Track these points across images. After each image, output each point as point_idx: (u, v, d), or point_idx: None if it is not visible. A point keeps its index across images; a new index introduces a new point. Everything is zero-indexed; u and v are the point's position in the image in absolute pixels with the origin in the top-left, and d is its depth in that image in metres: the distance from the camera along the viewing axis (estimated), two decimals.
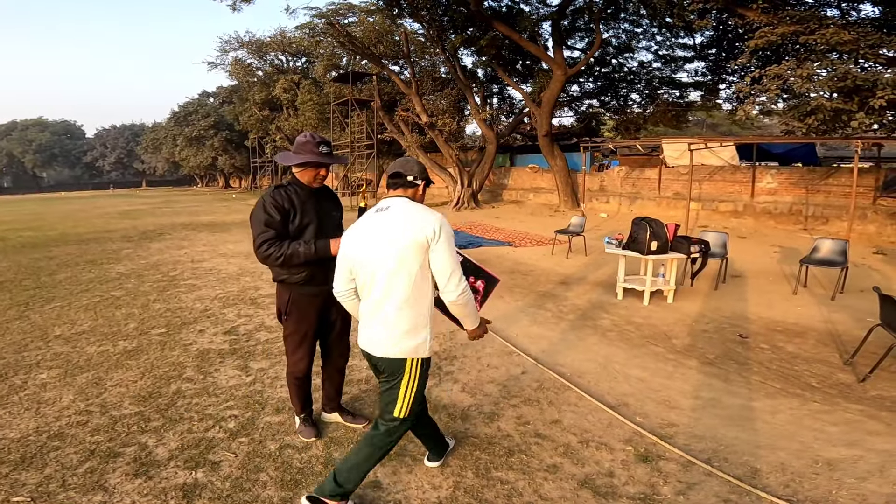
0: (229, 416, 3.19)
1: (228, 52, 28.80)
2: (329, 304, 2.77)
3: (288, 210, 2.57)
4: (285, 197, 2.57)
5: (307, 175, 2.64)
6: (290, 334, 2.77)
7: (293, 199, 2.58)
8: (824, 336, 4.64)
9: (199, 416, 3.18)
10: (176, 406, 3.32)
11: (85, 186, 62.84)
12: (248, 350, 4.28)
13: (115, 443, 2.88)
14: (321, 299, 2.72)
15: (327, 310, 2.80)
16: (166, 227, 13.98)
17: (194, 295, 6.10)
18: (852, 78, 7.73)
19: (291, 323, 2.74)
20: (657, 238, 5.30)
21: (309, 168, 2.62)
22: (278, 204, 2.55)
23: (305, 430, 2.93)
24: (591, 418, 3.14)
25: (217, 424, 3.09)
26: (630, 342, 4.48)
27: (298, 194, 2.61)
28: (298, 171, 2.65)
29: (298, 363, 2.81)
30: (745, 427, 3.07)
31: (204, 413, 3.23)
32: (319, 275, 2.63)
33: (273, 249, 2.51)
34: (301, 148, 2.59)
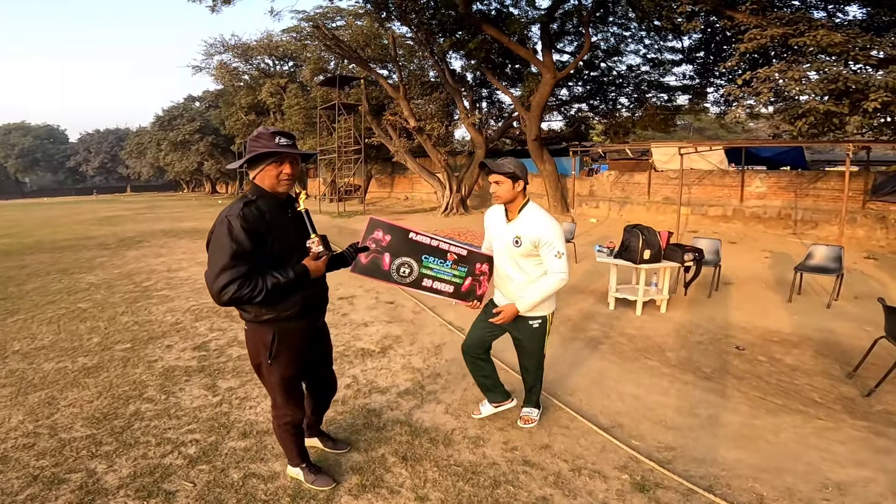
0: (190, 441, 2.94)
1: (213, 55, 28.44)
2: (320, 332, 2.48)
3: (263, 234, 2.03)
4: (257, 215, 2.03)
5: (268, 177, 2.09)
6: (279, 380, 2.27)
7: (266, 216, 2.06)
8: (823, 346, 4.47)
9: (156, 441, 2.94)
10: (132, 429, 3.08)
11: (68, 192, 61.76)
12: (218, 367, 4.01)
13: (61, 468, 2.65)
14: (312, 330, 2.35)
15: (319, 339, 2.47)
16: (146, 233, 13.60)
17: (166, 307, 5.80)
18: (844, 80, 7.64)
19: (280, 366, 2.24)
20: (650, 246, 5.12)
21: (268, 165, 2.07)
22: (250, 225, 1.99)
23: (319, 478, 2.51)
24: (583, 442, 2.92)
25: (176, 450, 2.85)
26: (623, 356, 4.27)
27: (270, 210, 2.10)
28: (257, 175, 2.11)
29: (295, 411, 2.37)
30: (746, 448, 2.87)
31: (162, 437, 2.99)
32: (312, 301, 2.27)
33: (246, 290, 1.97)
34: (253, 143, 2.09)
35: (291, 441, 2.46)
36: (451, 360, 4.11)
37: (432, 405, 3.36)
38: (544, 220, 2.64)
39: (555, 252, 2.61)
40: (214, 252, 1.99)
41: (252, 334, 2.23)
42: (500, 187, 2.65)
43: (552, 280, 2.64)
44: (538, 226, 2.62)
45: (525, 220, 2.68)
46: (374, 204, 23.67)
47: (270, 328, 2.17)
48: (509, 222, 2.75)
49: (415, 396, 3.48)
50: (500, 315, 2.71)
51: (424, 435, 2.98)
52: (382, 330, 4.89)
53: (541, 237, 2.60)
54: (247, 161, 2.11)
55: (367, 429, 3.06)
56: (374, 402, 3.41)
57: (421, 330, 4.88)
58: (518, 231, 2.68)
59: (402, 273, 2.73)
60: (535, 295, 2.66)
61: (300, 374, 2.38)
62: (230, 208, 2.02)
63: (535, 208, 2.72)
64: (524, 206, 2.71)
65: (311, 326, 2.33)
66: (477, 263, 2.87)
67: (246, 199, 2.07)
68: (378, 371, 3.92)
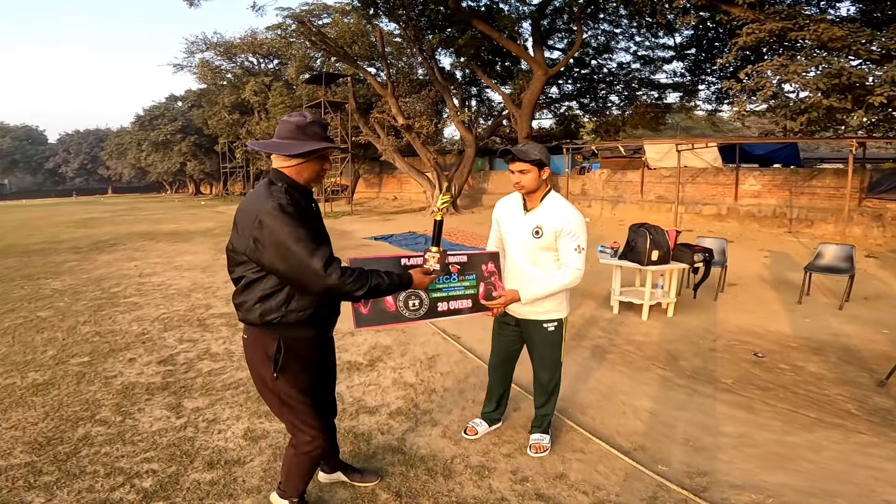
0: (146, 472, 2.53)
1: (195, 53, 27.73)
2: (329, 345, 2.16)
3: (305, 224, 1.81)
4: (297, 203, 1.81)
5: (310, 170, 1.87)
6: (289, 397, 1.93)
7: (301, 206, 1.83)
8: (844, 352, 4.17)
9: (105, 471, 2.54)
10: (78, 456, 2.67)
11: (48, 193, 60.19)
12: (185, 384, 3.58)
13: None
14: (321, 341, 2.04)
15: (327, 353, 2.14)
16: (122, 236, 13.00)
17: (133, 315, 5.33)
18: (847, 74, 7.41)
19: (289, 381, 1.91)
20: (658, 247, 4.78)
21: (316, 158, 1.87)
22: (300, 211, 1.79)
23: None
24: (602, 468, 2.56)
25: (128, 482, 2.45)
26: (633, 365, 3.92)
27: (301, 202, 1.85)
28: (297, 166, 1.85)
29: (318, 436, 1.98)
30: (787, 469, 2.53)
31: (113, 466, 2.58)
32: (325, 310, 1.95)
33: (350, 277, 1.76)
34: (307, 132, 1.83)
35: (309, 472, 2.08)
36: (446, 374, 3.73)
37: (428, 427, 2.97)
38: (569, 210, 2.39)
39: (575, 245, 2.35)
40: (287, 240, 1.70)
41: (252, 343, 1.91)
42: (525, 176, 2.36)
43: (566, 275, 2.35)
44: (563, 215, 2.37)
45: (548, 209, 2.41)
46: (362, 204, 23.20)
47: (274, 335, 1.86)
48: (528, 212, 2.47)
49: (408, 417, 3.09)
50: (499, 300, 2.40)
51: (421, 464, 2.59)
52: (370, 340, 4.49)
53: (564, 227, 2.34)
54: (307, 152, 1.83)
55: (354, 457, 2.66)
56: (363, 424, 3.02)
57: (412, 339, 4.49)
58: (539, 221, 2.40)
59: (412, 307, 2.31)
60: (544, 288, 2.37)
61: (313, 390, 2.02)
62: (269, 197, 1.76)
63: (558, 197, 2.46)
64: (546, 194, 2.45)
65: (322, 336, 2.02)
66: (482, 265, 2.50)
67: (275, 185, 1.82)
68: (366, 387, 3.52)
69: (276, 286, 1.82)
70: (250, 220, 1.74)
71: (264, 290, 1.82)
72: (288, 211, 1.72)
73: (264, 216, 1.71)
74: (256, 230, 1.72)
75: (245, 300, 1.85)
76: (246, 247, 1.77)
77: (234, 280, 1.90)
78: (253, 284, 1.83)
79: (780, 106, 8.74)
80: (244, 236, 1.77)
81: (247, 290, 1.85)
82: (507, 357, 2.76)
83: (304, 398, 1.97)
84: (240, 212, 1.83)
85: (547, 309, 2.51)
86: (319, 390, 2.11)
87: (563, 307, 2.54)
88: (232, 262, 1.88)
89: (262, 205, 1.74)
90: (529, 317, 2.55)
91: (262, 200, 1.75)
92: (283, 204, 1.73)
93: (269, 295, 1.83)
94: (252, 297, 1.83)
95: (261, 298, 1.83)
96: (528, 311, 2.53)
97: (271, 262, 1.74)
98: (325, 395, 2.20)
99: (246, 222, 1.76)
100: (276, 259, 1.73)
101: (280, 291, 1.83)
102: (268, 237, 1.71)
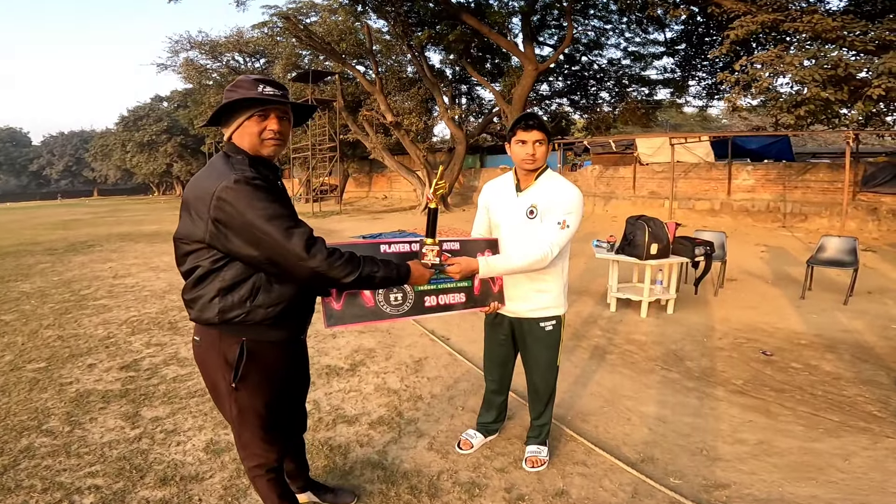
0: (88, 487, 2.25)
1: (179, 52, 27.12)
2: (300, 351, 1.83)
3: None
4: (265, 176, 1.52)
5: (247, 134, 1.53)
6: (246, 408, 1.63)
7: (272, 181, 1.55)
8: (857, 349, 3.92)
9: (43, 485, 2.26)
10: (16, 469, 2.38)
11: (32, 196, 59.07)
12: (146, 392, 3.25)
13: None
14: (291, 346, 1.73)
15: (298, 360, 1.82)
16: (101, 237, 12.55)
17: (100, 318, 4.98)
18: (844, 66, 7.22)
19: (249, 391, 1.60)
20: (657, 240, 4.52)
21: (248, 119, 1.52)
22: (269, 184, 1.50)
23: None
24: (608, 484, 2.27)
25: (66, 498, 2.17)
26: (636, 367, 3.64)
27: (268, 176, 1.55)
28: (235, 132, 1.55)
29: (269, 450, 1.71)
30: (817, 480, 2.27)
31: (53, 480, 2.29)
32: (298, 306, 1.64)
33: (339, 260, 1.49)
34: (230, 93, 1.52)
35: (268, 489, 1.76)
36: (433, 379, 3.43)
37: (412, 439, 2.67)
38: (567, 186, 2.13)
39: (560, 219, 2.03)
40: (258, 220, 1.41)
41: (207, 347, 1.58)
42: (541, 148, 2.10)
43: (535, 249, 2.01)
44: (558, 190, 2.10)
45: (543, 186, 2.15)
46: (352, 204, 22.84)
47: (237, 337, 1.54)
48: (522, 192, 2.18)
49: (391, 427, 2.78)
50: (454, 267, 1.95)
51: (403, 481, 2.29)
52: (353, 342, 4.18)
53: (553, 201, 2.07)
54: (219, 112, 1.54)
55: (329, 474, 2.36)
56: (340, 435, 2.71)
57: (398, 342, 4.18)
58: (534, 199, 2.13)
59: (394, 302, 1.94)
60: (505, 262, 2.04)
61: (277, 403, 1.70)
62: (230, 170, 1.46)
63: (555, 174, 2.19)
64: (542, 171, 2.17)
65: (293, 339, 1.72)
66: (478, 253, 2.17)
67: (234, 157, 1.52)
68: (346, 394, 3.21)
69: (240, 276, 1.51)
70: (207, 199, 1.42)
71: (224, 282, 1.51)
72: (254, 183, 1.43)
73: (225, 193, 1.40)
74: (217, 210, 1.41)
75: (199, 295, 1.53)
76: (205, 232, 1.45)
77: (185, 273, 1.58)
78: (210, 276, 1.51)
79: (774, 99, 8.53)
80: (200, 219, 1.45)
81: (201, 283, 1.53)
82: (502, 361, 2.46)
83: (265, 412, 1.65)
84: (191, 191, 1.50)
85: (544, 305, 2.22)
86: (286, 403, 1.80)
87: (560, 302, 2.24)
88: (181, 252, 1.56)
89: (220, 179, 1.43)
90: (524, 315, 2.26)
91: (222, 174, 1.45)
92: (249, 176, 1.43)
93: (231, 287, 1.51)
94: (209, 292, 1.52)
95: (220, 292, 1.51)
96: (523, 309, 2.24)
97: (239, 247, 1.44)
98: (293, 408, 1.90)
99: (202, 203, 1.44)
100: (246, 243, 1.43)
101: (244, 283, 1.51)
102: (234, 218, 1.41)
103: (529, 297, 2.21)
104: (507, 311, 2.28)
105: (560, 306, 2.25)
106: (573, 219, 2.05)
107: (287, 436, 1.86)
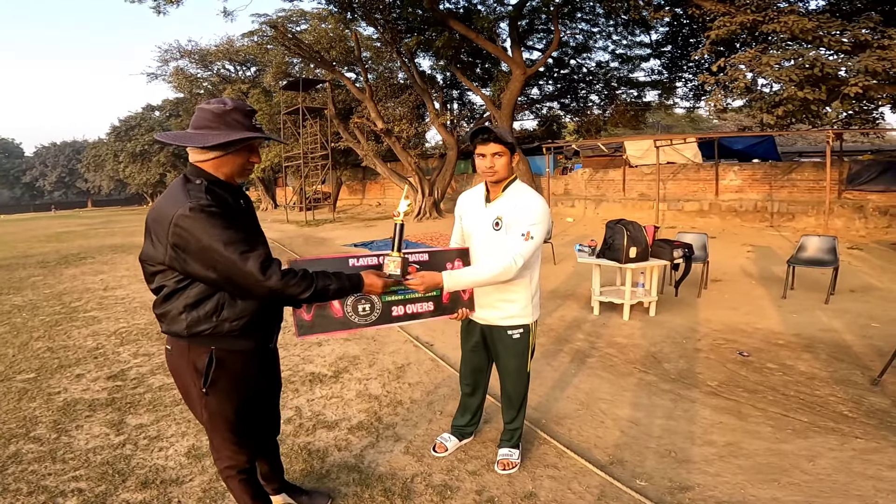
0: (72, 490, 2.33)
1: (169, 62, 27.17)
2: (270, 358, 1.90)
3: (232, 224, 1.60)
4: (221, 202, 1.58)
5: (233, 164, 1.64)
6: (216, 413, 1.72)
7: (226, 205, 1.60)
8: (834, 348, 4.00)
9: (28, 488, 2.35)
10: (4, 473, 2.49)
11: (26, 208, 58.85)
12: (132, 400, 3.31)
13: None
14: (260, 354, 1.80)
15: (268, 367, 1.89)
16: (93, 249, 12.55)
17: (90, 330, 5.01)
18: (820, 65, 7.33)
19: (218, 399, 1.69)
20: (636, 243, 4.59)
21: (239, 151, 1.63)
22: (224, 210, 1.55)
23: None
24: (576, 486, 2.33)
25: (51, 500, 2.26)
26: (615, 370, 3.70)
27: (227, 199, 1.63)
28: (215, 160, 1.62)
29: (239, 452, 1.80)
30: (781, 482, 2.33)
31: (38, 484, 2.38)
32: (263, 318, 1.73)
33: (293, 279, 1.57)
34: (226, 120, 1.59)
35: (240, 490, 1.84)
36: (415, 384, 3.48)
37: (389, 443, 2.72)
38: (531, 197, 2.16)
39: (524, 230, 2.06)
40: (214, 244, 1.48)
41: (178, 356, 1.67)
42: (500, 160, 2.13)
43: (499, 262, 2.03)
44: (521, 202, 2.13)
45: (509, 198, 2.18)
46: (346, 211, 22.87)
47: (205, 347, 1.63)
48: (490, 203, 2.23)
49: (369, 432, 2.84)
50: (417, 280, 1.95)
51: (378, 484, 2.35)
52: (338, 350, 4.23)
53: (518, 214, 2.10)
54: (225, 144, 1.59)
55: (306, 477, 2.42)
56: (319, 440, 2.76)
57: (382, 348, 4.23)
58: (500, 211, 2.18)
59: (362, 312, 2.05)
60: (470, 275, 2.06)
61: (246, 408, 1.79)
62: (186, 197, 1.51)
63: (522, 186, 2.22)
64: (510, 183, 2.20)
65: (261, 348, 1.78)
66: (447, 264, 2.24)
67: (192, 183, 1.58)
68: (327, 400, 3.26)
69: (204, 293, 1.60)
70: (166, 224, 1.50)
71: (189, 299, 1.59)
72: (209, 210, 1.50)
73: (181, 220, 1.48)
74: (175, 236, 1.49)
75: (168, 310, 1.61)
76: (164, 255, 1.53)
77: (154, 290, 1.66)
78: (175, 294, 1.60)
79: (755, 99, 8.65)
80: (160, 243, 1.53)
81: (169, 300, 1.61)
82: (476, 366, 2.52)
83: (234, 417, 1.74)
84: (152, 215, 1.57)
85: (512, 314, 2.27)
86: (257, 408, 1.87)
87: (528, 311, 2.29)
88: (147, 272, 1.64)
89: (177, 206, 1.50)
90: (493, 323, 2.32)
91: (178, 201, 1.52)
92: (204, 204, 1.50)
93: (196, 304, 1.59)
94: (176, 307, 1.60)
95: (186, 308, 1.59)
96: (492, 317, 2.31)
97: (197, 270, 1.52)
98: (265, 413, 1.97)
99: (161, 228, 1.52)
100: (204, 267, 1.51)
101: (209, 299, 1.60)
102: (191, 243, 1.49)
103: (497, 305, 2.27)
104: (478, 319, 2.35)
105: (528, 316, 2.30)
106: (537, 230, 2.09)
107: (258, 439, 1.93)
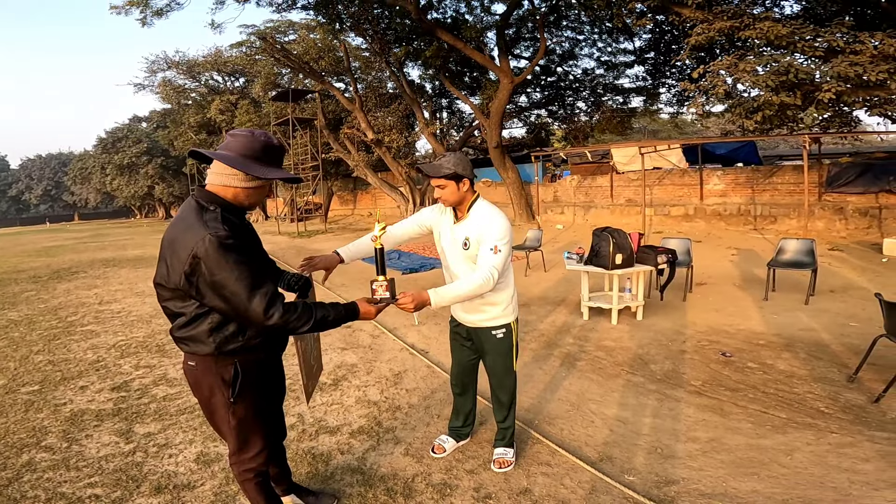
0: (89, 497, 2.42)
1: (157, 72, 27.15)
2: (279, 366, 2.06)
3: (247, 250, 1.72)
4: (236, 230, 1.68)
5: (261, 195, 1.80)
6: (243, 419, 1.83)
7: (238, 230, 1.70)
8: (813, 347, 4.18)
9: (46, 496, 2.44)
10: (20, 482, 2.56)
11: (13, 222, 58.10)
12: (138, 410, 3.41)
13: None
14: (274, 362, 2.00)
15: (278, 374, 2.06)
16: (84, 264, 12.52)
17: (88, 343, 5.08)
18: (794, 71, 7.60)
19: (247, 404, 1.82)
20: (621, 250, 4.77)
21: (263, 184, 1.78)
22: (240, 241, 1.66)
23: None
24: (568, 482, 2.47)
25: None
26: (604, 372, 3.86)
27: (238, 223, 1.74)
28: (251, 190, 1.74)
29: (259, 453, 1.91)
30: (760, 475, 2.48)
31: (55, 491, 2.47)
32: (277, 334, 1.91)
33: (293, 314, 1.67)
34: (272, 155, 1.75)
35: (256, 492, 1.95)
36: (412, 390, 3.61)
37: (390, 445, 2.85)
38: (491, 215, 2.31)
39: (491, 245, 2.22)
40: (226, 280, 1.59)
41: (204, 370, 1.76)
42: (444, 191, 2.32)
43: (477, 277, 2.17)
44: (482, 221, 2.30)
45: (473, 218, 2.35)
46: (337, 222, 22.95)
47: (230, 360, 1.75)
48: (457, 223, 2.41)
49: (370, 436, 2.96)
50: (406, 300, 2.04)
51: (380, 484, 2.47)
52: (336, 358, 4.34)
53: (482, 233, 2.27)
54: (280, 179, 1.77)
55: (311, 479, 2.54)
56: (322, 444, 2.88)
57: (379, 356, 4.36)
58: (467, 232, 2.35)
59: None
60: (454, 291, 2.17)
61: (266, 411, 1.95)
62: (204, 227, 1.59)
63: (484, 206, 2.38)
64: (473, 203, 2.38)
65: (275, 358, 1.98)
66: None
67: (209, 211, 1.66)
68: (328, 407, 3.38)
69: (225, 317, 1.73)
70: (182, 255, 1.59)
71: (213, 323, 1.70)
72: (227, 244, 1.58)
73: (201, 252, 1.56)
74: (190, 267, 1.58)
75: (191, 335, 1.71)
76: (178, 283, 1.63)
77: (170, 314, 1.75)
78: (197, 320, 1.71)
79: (735, 105, 8.92)
80: (174, 271, 1.62)
81: (191, 325, 1.71)
82: (464, 369, 2.68)
83: (261, 419, 1.90)
84: (167, 243, 1.66)
85: (494, 315, 2.44)
86: (271, 412, 2.03)
87: (509, 312, 2.46)
88: (163, 296, 1.74)
89: (195, 236, 1.58)
90: (477, 325, 2.49)
91: (196, 231, 1.59)
92: (223, 237, 1.58)
93: (220, 326, 1.71)
94: (201, 332, 1.70)
95: (212, 331, 1.71)
96: (475, 319, 2.48)
97: (209, 300, 1.64)
98: (276, 417, 2.11)
99: (177, 257, 1.61)
100: (215, 299, 1.63)
101: (231, 322, 1.73)
102: (205, 276, 1.58)
103: (482, 309, 2.44)
104: (466, 322, 2.52)
105: (508, 315, 2.46)
106: (503, 244, 2.25)
107: (272, 442, 2.06)
